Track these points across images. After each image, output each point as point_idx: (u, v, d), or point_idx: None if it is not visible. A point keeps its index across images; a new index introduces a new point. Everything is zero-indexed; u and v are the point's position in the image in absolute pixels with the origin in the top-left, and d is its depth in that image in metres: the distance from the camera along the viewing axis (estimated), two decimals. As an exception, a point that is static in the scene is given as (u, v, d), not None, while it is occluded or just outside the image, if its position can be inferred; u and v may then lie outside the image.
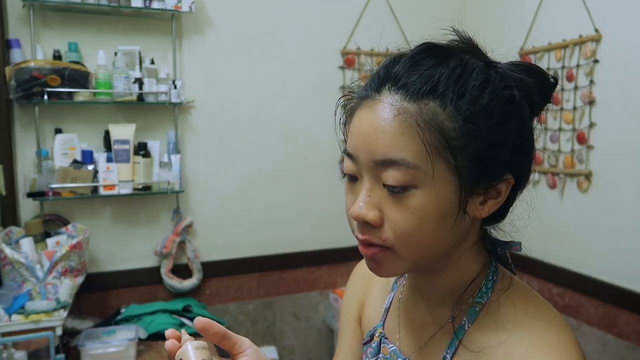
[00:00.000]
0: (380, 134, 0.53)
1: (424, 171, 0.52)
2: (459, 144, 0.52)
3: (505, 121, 0.54)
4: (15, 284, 1.68)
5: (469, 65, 0.55)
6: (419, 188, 0.53)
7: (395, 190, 0.53)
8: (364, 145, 0.55)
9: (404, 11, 2.50)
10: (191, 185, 2.26)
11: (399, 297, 0.72)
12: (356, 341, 0.81)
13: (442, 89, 0.53)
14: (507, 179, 0.56)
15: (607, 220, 1.94)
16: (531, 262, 2.24)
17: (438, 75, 0.53)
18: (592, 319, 2.00)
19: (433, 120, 0.52)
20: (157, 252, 2.17)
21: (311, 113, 2.41)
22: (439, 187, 0.53)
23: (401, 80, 0.54)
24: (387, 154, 0.53)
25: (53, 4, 1.92)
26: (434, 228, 0.54)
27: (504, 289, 0.60)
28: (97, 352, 1.72)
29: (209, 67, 2.24)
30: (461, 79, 0.53)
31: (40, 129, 1.98)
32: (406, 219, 0.53)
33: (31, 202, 1.99)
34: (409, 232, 0.54)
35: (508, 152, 0.55)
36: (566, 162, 2.10)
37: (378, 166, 0.54)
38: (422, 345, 0.65)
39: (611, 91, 1.92)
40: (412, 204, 0.53)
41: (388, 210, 0.54)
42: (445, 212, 0.54)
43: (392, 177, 0.53)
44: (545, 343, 0.54)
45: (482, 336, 0.58)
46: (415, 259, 0.57)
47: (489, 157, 0.54)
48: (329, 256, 2.51)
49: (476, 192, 0.55)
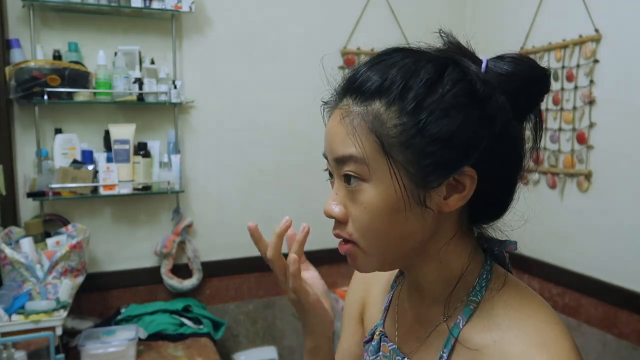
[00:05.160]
0: (335, 135, 0.60)
1: (370, 167, 0.56)
2: (403, 140, 0.55)
3: (454, 115, 0.54)
4: (15, 284, 1.68)
5: (421, 63, 0.56)
6: (368, 182, 0.57)
7: (350, 185, 0.58)
8: (328, 146, 0.63)
9: (404, 11, 2.50)
10: (191, 185, 2.26)
11: (397, 296, 0.73)
12: (355, 340, 0.82)
13: (387, 88, 0.56)
14: (468, 172, 0.56)
15: (607, 220, 1.94)
16: (531, 262, 2.24)
17: (389, 75, 0.56)
18: (592, 319, 2.00)
19: (375, 121, 0.56)
20: (157, 252, 2.17)
21: (311, 113, 2.39)
22: (385, 182, 0.56)
23: (356, 84, 0.59)
24: (339, 152, 0.59)
25: (53, 4, 1.92)
26: (388, 221, 0.57)
27: (498, 287, 0.61)
28: (97, 352, 1.72)
29: (209, 67, 2.24)
30: (410, 77, 0.55)
31: (40, 129, 1.98)
32: (361, 213, 0.58)
33: (31, 202, 1.99)
34: (366, 227, 0.58)
35: (460, 145, 0.54)
36: (566, 162, 2.10)
37: (338, 164, 0.60)
38: (419, 343, 0.65)
39: (611, 91, 1.92)
40: (364, 199, 0.57)
41: (349, 207, 0.59)
42: (396, 206, 0.56)
43: (346, 171, 0.58)
44: (540, 341, 0.55)
45: (477, 334, 0.59)
46: (381, 254, 0.60)
47: (436, 151, 0.54)
48: (329, 256, 2.50)
49: (431, 186, 0.56)
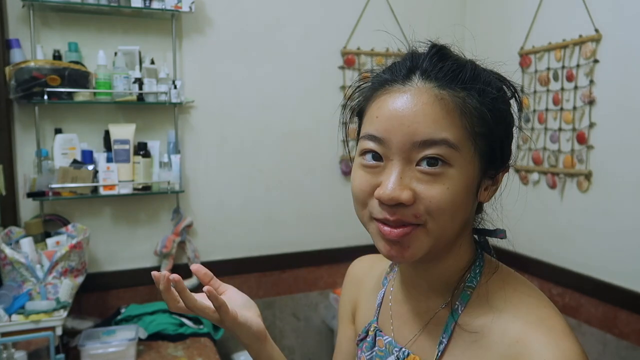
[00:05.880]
0: (422, 116, 0.56)
1: (460, 151, 0.57)
2: (480, 130, 0.59)
3: (510, 119, 0.63)
4: (15, 284, 1.68)
5: (478, 67, 0.62)
6: (453, 167, 0.57)
7: (433, 170, 0.56)
8: (400, 127, 0.57)
9: (404, 11, 2.50)
10: (191, 185, 2.26)
11: (390, 291, 0.75)
12: (348, 341, 0.83)
13: (469, 82, 0.59)
14: (506, 168, 0.65)
15: (607, 220, 1.94)
16: (531, 262, 2.24)
17: (461, 70, 0.59)
18: (592, 319, 2.00)
19: (466, 107, 0.58)
20: (157, 252, 2.17)
21: (311, 113, 2.41)
22: (467, 167, 0.58)
23: (429, 71, 0.59)
24: (429, 134, 0.56)
25: (53, 4, 1.92)
26: (461, 203, 0.59)
27: (492, 272, 0.64)
28: (97, 352, 1.72)
29: (209, 67, 2.24)
30: (480, 76, 0.60)
31: (40, 129, 1.98)
32: (442, 194, 0.56)
33: (31, 202, 1.99)
34: (444, 208, 0.57)
35: (510, 143, 0.63)
36: (566, 162, 2.10)
37: (416, 147, 0.56)
38: (417, 332, 0.67)
39: (611, 91, 1.92)
40: (448, 181, 0.57)
41: (421, 189, 0.57)
42: (470, 191, 0.60)
43: (434, 154, 0.56)
44: (537, 317, 0.58)
45: (477, 317, 0.61)
46: (442, 236, 0.59)
47: (503, 146, 0.62)
48: (329, 256, 2.51)
49: (489, 175, 0.62)
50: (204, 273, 0.75)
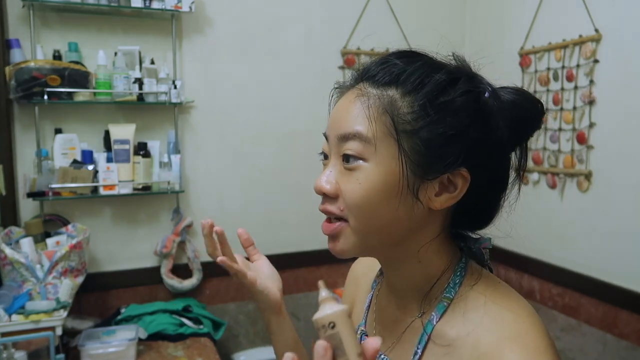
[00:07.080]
0: (345, 112, 0.61)
1: (374, 146, 0.58)
2: (411, 128, 0.58)
3: (462, 116, 0.58)
4: (15, 284, 1.68)
5: (434, 66, 0.61)
6: (368, 162, 0.59)
7: (349, 162, 0.60)
8: (332, 124, 0.63)
9: (404, 11, 2.50)
10: (191, 185, 2.26)
11: (376, 295, 0.76)
12: None
13: (404, 80, 0.59)
14: (462, 173, 0.59)
15: (607, 220, 1.94)
16: (531, 262, 2.24)
17: (405, 70, 0.60)
18: (592, 319, 2.00)
19: (389, 105, 0.59)
20: (157, 252, 2.17)
21: (311, 113, 2.40)
22: (386, 164, 0.58)
23: (372, 75, 0.61)
24: (345, 128, 0.60)
25: (53, 4, 1.92)
26: (380, 201, 0.59)
27: (472, 284, 0.62)
28: (97, 352, 1.72)
29: (209, 67, 2.24)
30: (423, 74, 0.59)
31: (40, 129, 1.98)
32: (354, 188, 0.59)
33: (31, 202, 1.99)
34: (358, 204, 0.59)
35: (462, 146, 0.58)
36: (566, 162, 2.10)
37: (340, 141, 0.61)
38: (395, 340, 0.67)
39: (611, 91, 1.92)
40: (361, 176, 0.59)
41: (342, 183, 0.61)
42: (391, 189, 0.59)
43: (348, 148, 0.60)
44: (511, 333, 0.56)
45: (451, 330, 0.60)
46: (366, 234, 0.61)
47: (440, 145, 0.58)
48: (329, 256, 2.48)
49: (427, 178, 0.59)
50: (245, 238, 0.83)
